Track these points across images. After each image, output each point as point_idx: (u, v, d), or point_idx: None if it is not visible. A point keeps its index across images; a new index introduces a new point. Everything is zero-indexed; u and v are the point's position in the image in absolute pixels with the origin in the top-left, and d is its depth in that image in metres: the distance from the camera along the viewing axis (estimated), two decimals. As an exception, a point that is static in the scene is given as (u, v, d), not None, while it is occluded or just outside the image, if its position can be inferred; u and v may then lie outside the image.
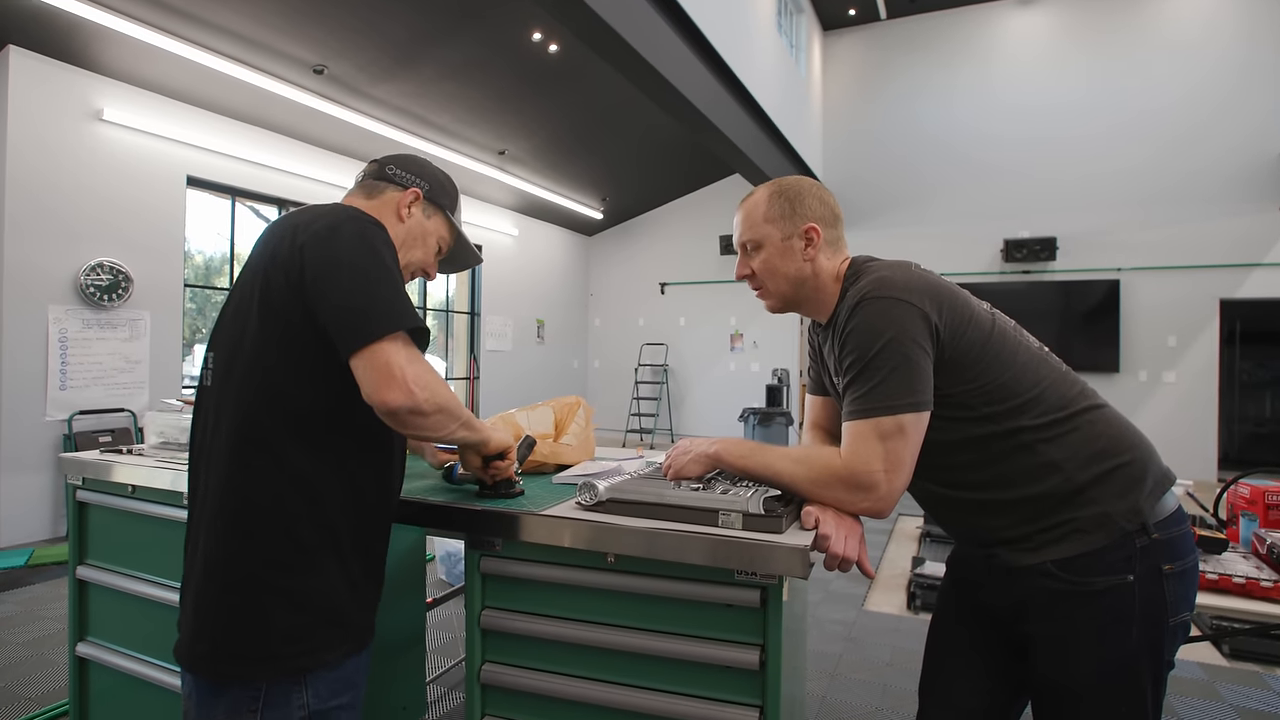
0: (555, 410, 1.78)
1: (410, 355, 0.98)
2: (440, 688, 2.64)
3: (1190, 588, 1.10)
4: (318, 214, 1.05)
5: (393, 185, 1.20)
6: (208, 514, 1.02)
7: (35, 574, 3.89)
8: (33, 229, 4.42)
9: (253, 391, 1.00)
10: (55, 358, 4.54)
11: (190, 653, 1.00)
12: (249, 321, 1.02)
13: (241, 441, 1.00)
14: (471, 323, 8.84)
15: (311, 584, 1.00)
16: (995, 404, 1.10)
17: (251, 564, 0.98)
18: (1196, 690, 2.70)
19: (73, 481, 1.79)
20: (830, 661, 2.94)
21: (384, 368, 0.95)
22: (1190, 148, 7.67)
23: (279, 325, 1.00)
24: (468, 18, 5.28)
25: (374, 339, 0.95)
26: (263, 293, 1.01)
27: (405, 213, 1.19)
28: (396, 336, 0.97)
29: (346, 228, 1.02)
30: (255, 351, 1.00)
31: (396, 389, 0.95)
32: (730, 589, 1.07)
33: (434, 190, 1.24)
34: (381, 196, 1.19)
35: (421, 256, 1.23)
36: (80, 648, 1.80)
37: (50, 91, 4.52)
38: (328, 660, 1.00)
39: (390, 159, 1.23)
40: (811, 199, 1.24)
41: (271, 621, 0.97)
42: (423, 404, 0.97)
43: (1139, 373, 7.79)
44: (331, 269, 0.98)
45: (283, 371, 1.00)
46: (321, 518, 1.01)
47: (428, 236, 1.23)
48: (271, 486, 0.99)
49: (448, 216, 1.26)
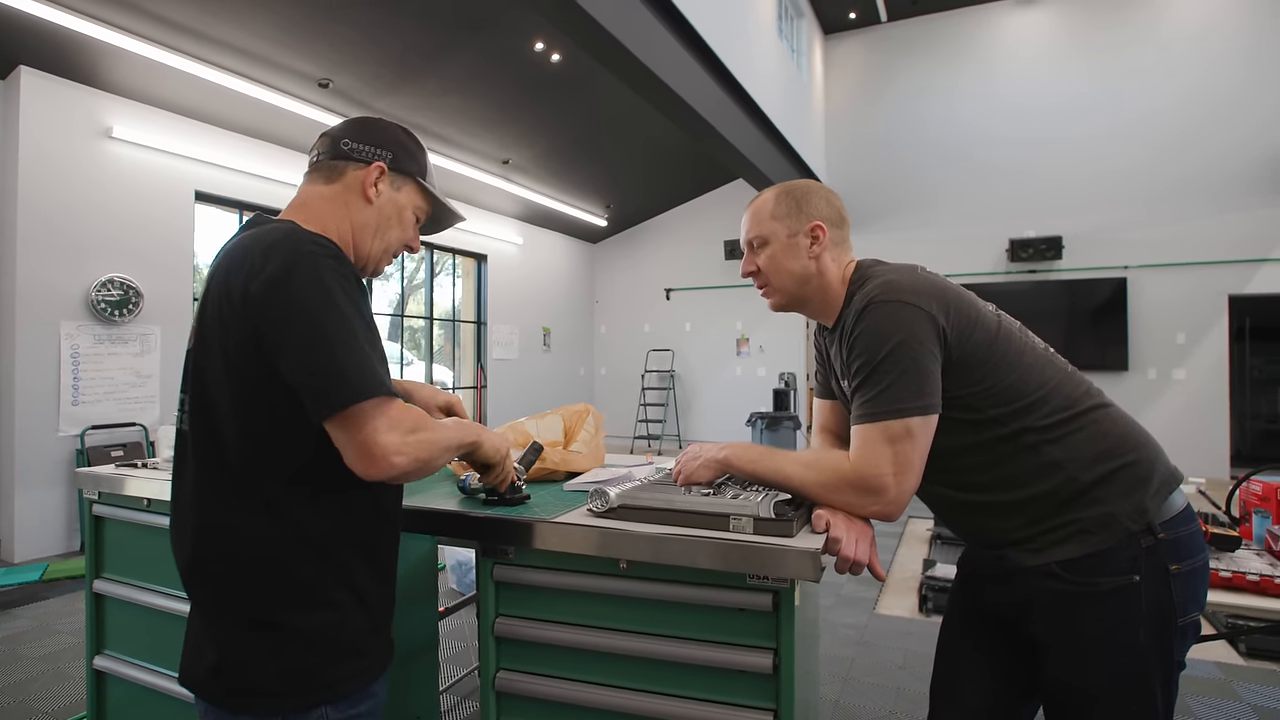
0: (564, 418, 1.79)
1: (384, 422, 0.92)
2: (454, 697, 2.64)
3: (1200, 588, 1.09)
4: (270, 246, 0.94)
5: (353, 162, 1.08)
6: (200, 559, 0.98)
7: (50, 589, 3.92)
8: (45, 246, 4.47)
9: (229, 438, 0.96)
10: (68, 373, 4.58)
11: (204, 686, 0.97)
12: (214, 365, 0.96)
13: (221, 490, 0.96)
14: (478, 332, 8.87)
15: (323, 619, 0.96)
16: (1001, 405, 1.10)
17: (254, 609, 0.95)
18: (1213, 690, 2.68)
19: (89, 496, 1.81)
20: (843, 665, 2.93)
21: (359, 445, 0.91)
22: (1195, 143, 7.64)
23: (244, 375, 0.94)
24: (470, 30, 5.33)
25: (341, 408, 0.90)
26: (222, 339, 0.95)
27: (372, 192, 1.08)
28: (363, 405, 0.91)
29: (300, 271, 0.92)
30: (223, 398, 0.96)
31: (375, 465, 0.91)
32: (742, 593, 1.07)
33: (398, 157, 1.11)
34: (343, 179, 1.08)
35: (399, 234, 1.14)
36: (98, 661, 1.81)
37: (61, 110, 4.58)
38: (349, 691, 0.98)
39: (344, 131, 1.10)
40: (818, 199, 1.25)
41: (285, 661, 0.94)
42: (403, 469, 0.93)
43: (1148, 371, 7.75)
44: (284, 323, 0.91)
45: (254, 419, 0.95)
46: (319, 554, 0.97)
47: (402, 211, 1.13)
48: (258, 533, 0.95)
49: (419, 183, 1.15)
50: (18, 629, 3.34)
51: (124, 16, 4.26)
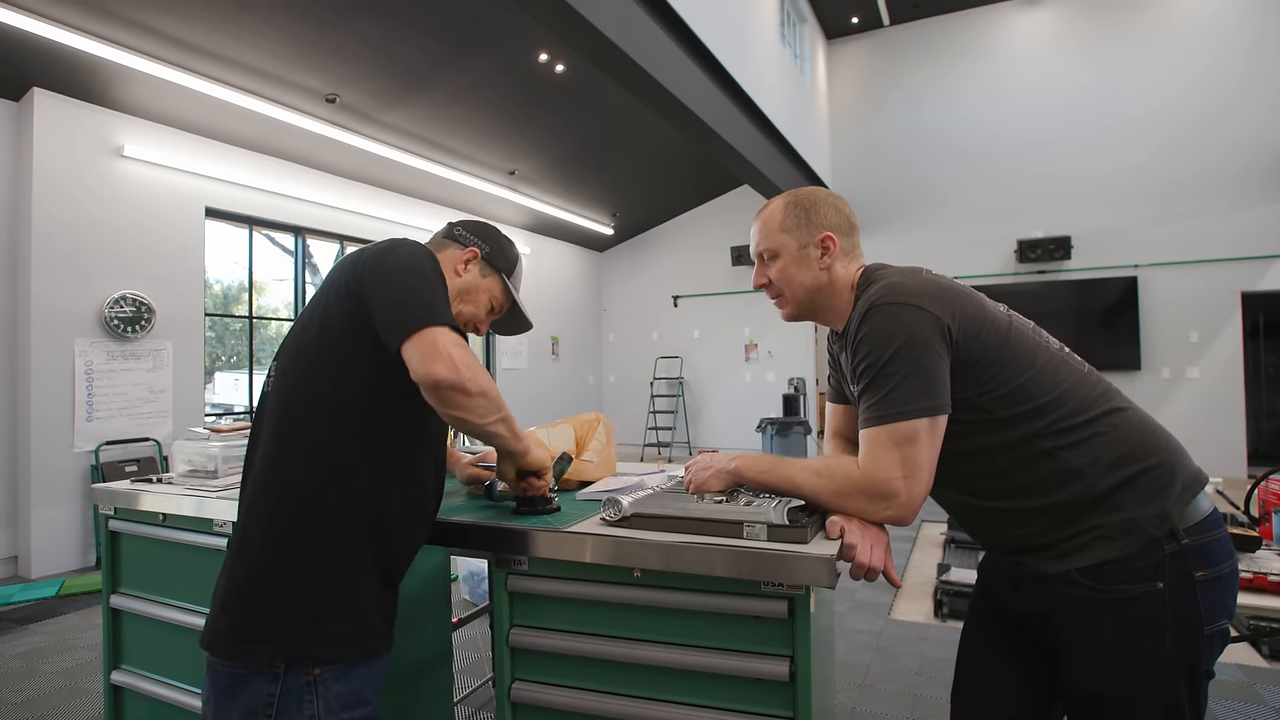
0: (575, 427, 1.78)
1: (457, 340, 1.05)
2: (468, 708, 2.64)
3: (1228, 595, 1.06)
4: (382, 241, 1.17)
5: (455, 244, 1.31)
6: (246, 499, 1.09)
7: (66, 604, 3.94)
8: (59, 264, 4.52)
9: (303, 388, 1.09)
10: (82, 390, 4.63)
11: (210, 631, 1.04)
12: (310, 330, 1.12)
13: (284, 430, 1.08)
14: (487, 342, 8.90)
15: (329, 573, 1.04)
16: (1014, 407, 1.08)
17: (278, 545, 1.04)
18: (1236, 693, 2.64)
19: (105, 511, 1.83)
20: (859, 672, 2.91)
21: (431, 346, 1.02)
22: (1203, 139, 7.59)
23: (334, 327, 1.09)
24: (474, 42, 5.37)
25: (422, 326, 1.03)
26: (324, 305, 1.12)
27: (461, 268, 1.28)
28: (440, 327, 1.04)
29: (403, 247, 1.14)
30: (310, 353, 1.10)
31: (442, 363, 1.01)
32: (757, 600, 1.07)
33: (492, 253, 1.33)
34: (444, 252, 1.29)
35: (471, 311, 1.30)
36: (115, 675, 1.82)
37: (73, 130, 4.64)
38: (341, 656, 1.03)
39: (460, 222, 1.35)
40: (827, 208, 1.25)
41: (289, 603, 1.02)
42: (467, 382, 1.03)
43: (1161, 370, 7.67)
44: (385, 275, 1.09)
45: (331, 369, 1.08)
46: (352, 514, 1.06)
47: (479, 293, 1.31)
48: (309, 473, 1.06)
49: (503, 280, 1.34)
50: (35, 644, 3.36)
51: (134, 37, 4.32)
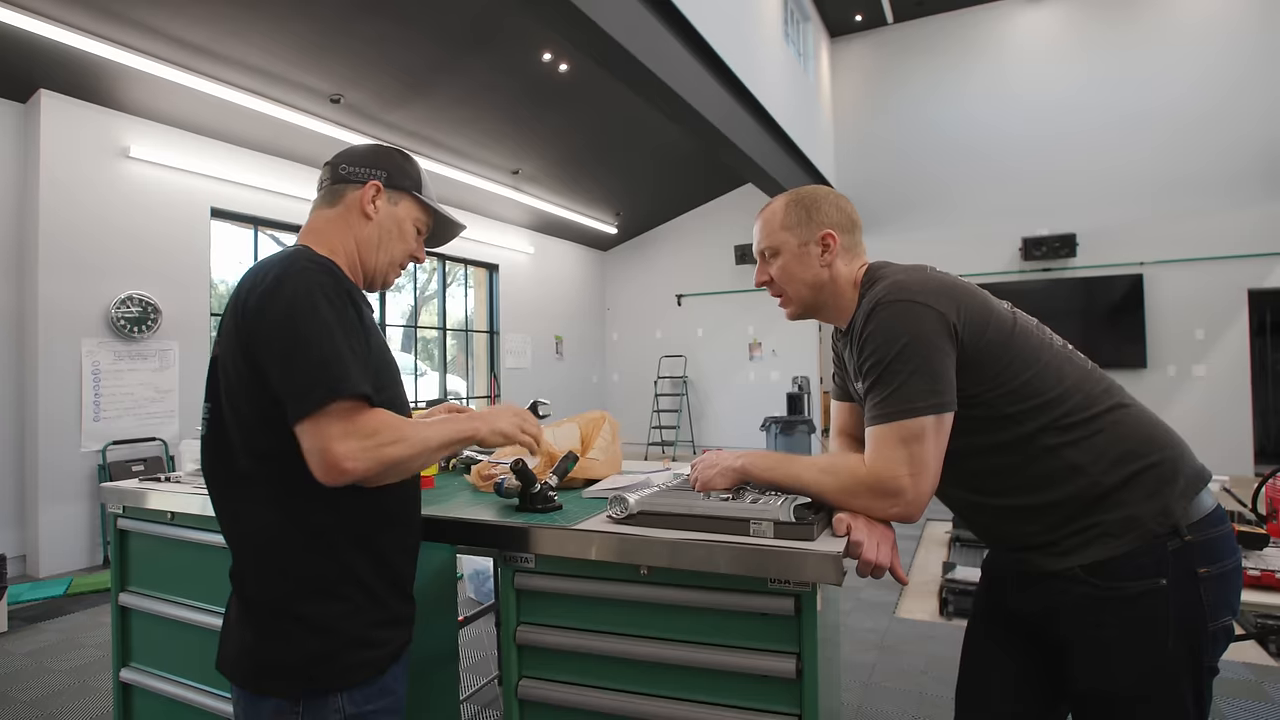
0: (581, 426, 1.79)
1: (340, 429, 0.93)
2: (474, 706, 2.65)
3: (1231, 591, 1.07)
4: (273, 265, 1.02)
5: (350, 184, 1.16)
6: (227, 538, 1.08)
7: (75, 603, 3.96)
8: (65, 265, 4.54)
9: (236, 438, 1.02)
10: (89, 390, 4.65)
11: (232, 666, 1.05)
12: (228, 373, 1.03)
13: (231, 487, 1.04)
14: (491, 341, 8.91)
15: (333, 611, 1.02)
16: (1018, 403, 1.08)
17: (270, 594, 1.02)
18: (1244, 691, 2.63)
19: (113, 510, 1.84)
20: (864, 670, 2.91)
21: (316, 453, 0.93)
22: (1208, 136, 7.56)
23: (244, 380, 1.00)
24: (478, 42, 5.37)
25: (304, 416, 0.93)
26: (231, 348, 1.02)
27: (370, 209, 1.15)
28: (326, 410, 0.93)
29: (288, 285, 0.98)
30: (233, 403, 1.02)
31: (328, 472, 0.93)
32: (764, 598, 1.07)
33: (392, 175, 1.18)
34: (344, 200, 1.15)
35: (402, 246, 1.20)
36: (124, 673, 1.83)
37: (80, 132, 4.66)
38: (361, 679, 1.03)
39: (341, 157, 1.19)
40: (828, 206, 1.25)
41: (301, 646, 1.01)
42: (359, 475, 0.94)
43: (1167, 368, 7.65)
44: (267, 337, 0.97)
45: (258, 421, 1.00)
46: (327, 549, 1.02)
47: (402, 224, 1.19)
48: (264, 528, 1.02)
49: (415, 196, 1.21)
50: (44, 642, 3.38)
51: (140, 39, 4.34)
